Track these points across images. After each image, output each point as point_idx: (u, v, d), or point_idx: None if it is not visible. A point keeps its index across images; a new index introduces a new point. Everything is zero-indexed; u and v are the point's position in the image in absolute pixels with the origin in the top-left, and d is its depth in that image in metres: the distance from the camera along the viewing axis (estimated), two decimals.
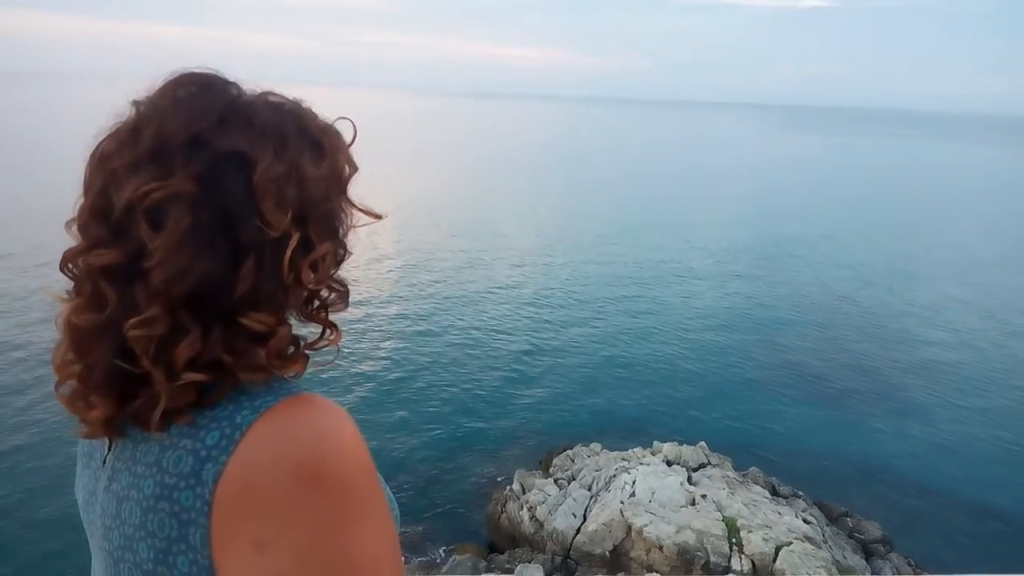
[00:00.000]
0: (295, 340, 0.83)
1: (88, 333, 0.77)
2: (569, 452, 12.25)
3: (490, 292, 22.54)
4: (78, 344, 0.79)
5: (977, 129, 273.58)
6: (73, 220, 0.79)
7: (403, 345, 17.68)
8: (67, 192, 0.82)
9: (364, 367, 16.09)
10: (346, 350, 16.22)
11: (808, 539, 9.20)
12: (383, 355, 16.92)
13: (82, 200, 0.79)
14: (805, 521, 9.96)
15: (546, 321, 20.25)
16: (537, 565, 9.21)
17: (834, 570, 8.81)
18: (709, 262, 28.09)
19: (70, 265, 0.80)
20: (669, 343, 19.01)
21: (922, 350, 19.30)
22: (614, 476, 10.59)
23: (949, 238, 35.55)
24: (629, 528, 9.41)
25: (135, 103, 0.80)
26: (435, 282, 23.15)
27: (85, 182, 0.79)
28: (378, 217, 0.90)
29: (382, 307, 20.17)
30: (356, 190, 0.88)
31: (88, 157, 0.80)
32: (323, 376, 13.94)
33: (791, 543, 9.02)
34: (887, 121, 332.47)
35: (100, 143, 0.80)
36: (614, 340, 19.06)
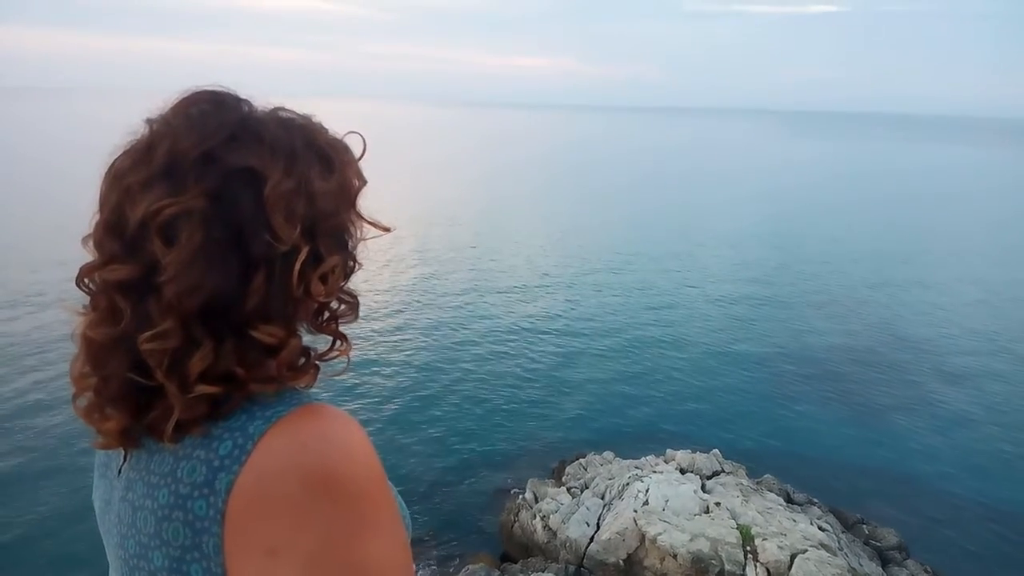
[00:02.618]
0: (306, 351, 0.85)
1: (103, 346, 0.79)
2: (582, 460, 12.21)
3: (501, 302, 22.53)
4: (94, 357, 0.80)
5: (986, 132, 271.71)
6: (89, 236, 0.81)
7: (415, 355, 17.69)
8: (82, 208, 0.84)
9: (377, 378, 16.10)
10: (358, 361, 16.25)
11: (823, 546, 9.13)
12: (395, 365, 16.93)
13: (97, 216, 0.81)
14: (820, 528, 9.88)
15: (558, 330, 20.22)
16: (550, 574, 9.19)
17: None
18: (720, 268, 27.99)
19: (86, 280, 0.81)
20: (681, 351, 18.93)
21: (937, 355, 19.14)
22: (627, 484, 10.55)
23: (960, 242, 35.25)
24: (643, 537, 9.36)
25: (148, 121, 0.82)
26: (445, 293, 23.15)
27: (100, 198, 0.81)
28: (387, 230, 0.92)
29: (393, 318, 20.19)
30: (367, 202, 0.90)
31: (103, 174, 0.82)
32: (336, 387, 13.97)
33: (806, 551, 8.95)
34: (895, 125, 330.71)
35: (115, 160, 0.81)
36: (626, 348, 19.00)
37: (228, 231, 0.76)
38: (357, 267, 0.90)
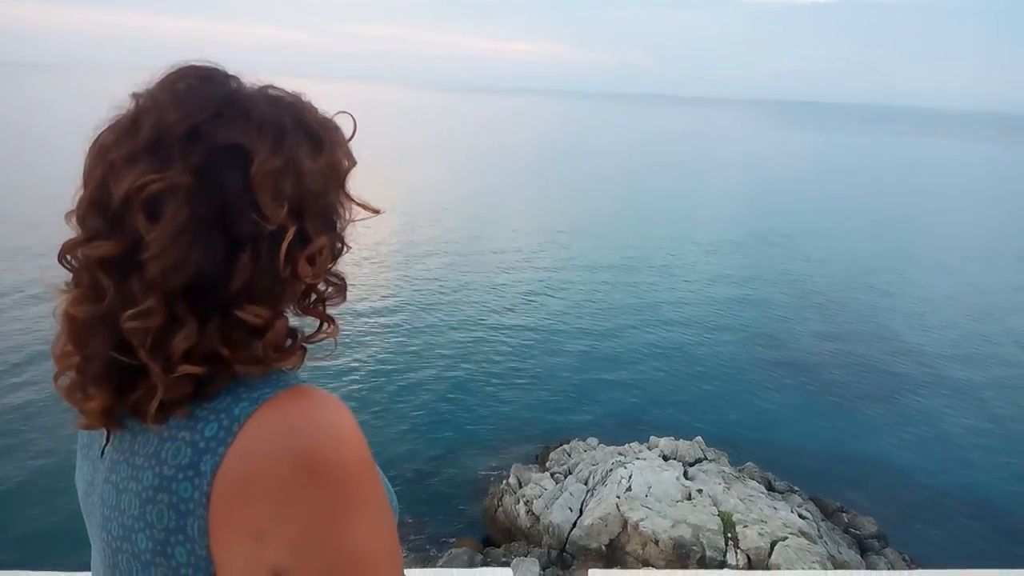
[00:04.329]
0: (292, 333, 0.84)
1: (86, 325, 0.78)
2: (566, 446, 12.27)
3: (487, 288, 22.54)
4: (76, 335, 0.79)
5: (976, 126, 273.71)
6: (72, 212, 0.80)
7: (400, 340, 17.69)
8: (68, 184, 0.82)
9: (362, 362, 16.09)
10: (344, 344, 16.22)
11: (803, 534, 9.23)
12: (380, 350, 16.92)
13: (81, 191, 0.79)
14: (801, 516, 9.99)
15: (542, 316, 20.26)
16: (533, 559, 9.24)
17: (829, 565, 8.84)
18: (706, 259, 28.09)
19: (68, 256, 0.80)
20: (666, 338, 19.02)
21: (919, 347, 19.33)
22: (610, 470, 10.62)
23: (947, 236, 35.59)
24: (625, 522, 9.43)
25: (134, 95, 0.80)
26: (431, 277, 23.14)
27: (84, 174, 0.79)
28: (376, 211, 0.90)
29: (379, 302, 20.16)
30: (354, 184, 0.89)
31: (87, 149, 0.80)
32: (321, 369, 13.94)
33: (786, 538, 9.04)
34: (885, 118, 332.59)
35: (99, 135, 0.80)
36: (611, 336, 19.07)
37: (213, 208, 0.74)
38: (345, 249, 0.89)
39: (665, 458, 11.23)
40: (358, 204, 0.89)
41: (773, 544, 8.95)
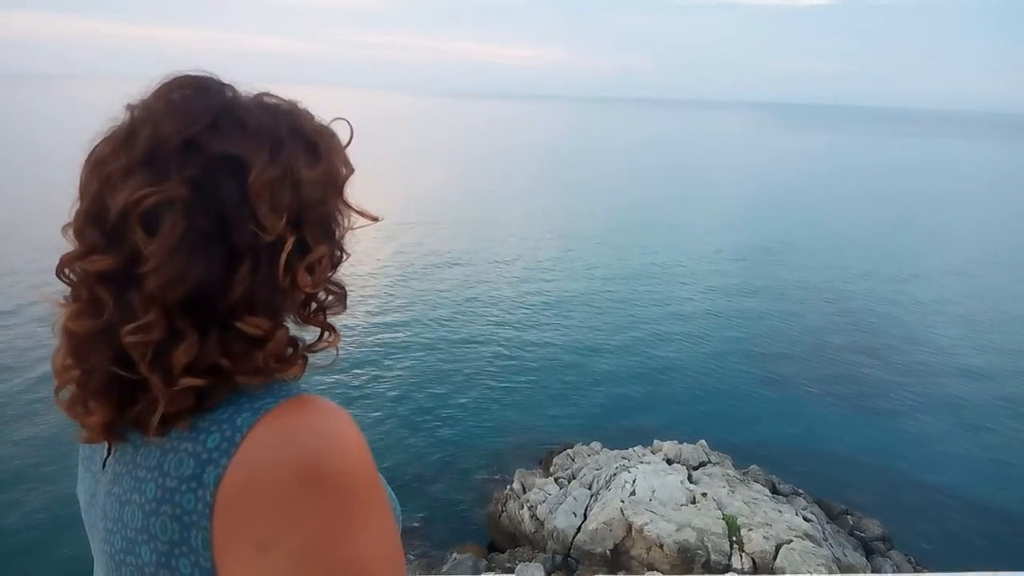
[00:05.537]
0: (293, 343, 0.83)
1: (85, 339, 0.77)
2: (569, 451, 12.25)
3: (489, 293, 22.53)
4: (75, 350, 0.78)
5: (981, 127, 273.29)
6: (69, 225, 0.79)
7: (403, 347, 17.68)
8: (68, 195, 0.82)
9: (364, 369, 16.08)
10: (346, 352, 16.21)
11: (808, 537, 9.20)
12: (383, 357, 16.91)
13: (78, 205, 0.79)
14: (805, 519, 9.96)
15: (546, 321, 20.25)
16: (538, 564, 9.22)
17: (834, 568, 8.81)
18: (709, 262, 28.08)
19: (66, 270, 0.79)
20: (669, 342, 19.00)
21: (923, 349, 19.29)
22: (614, 475, 10.60)
23: (951, 237, 35.53)
24: (630, 527, 9.41)
25: (129, 107, 0.79)
26: (433, 283, 23.14)
27: (80, 186, 0.79)
28: (375, 219, 0.90)
29: (382, 308, 20.17)
30: (352, 191, 0.88)
31: (83, 161, 0.80)
32: (324, 378, 13.93)
33: (791, 541, 9.02)
34: (888, 119, 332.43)
35: (95, 147, 0.79)
36: (614, 340, 19.05)
37: (211, 220, 0.74)
38: (345, 257, 0.88)
39: (669, 462, 11.20)
40: (356, 211, 0.88)
41: (778, 547, 8.93)
